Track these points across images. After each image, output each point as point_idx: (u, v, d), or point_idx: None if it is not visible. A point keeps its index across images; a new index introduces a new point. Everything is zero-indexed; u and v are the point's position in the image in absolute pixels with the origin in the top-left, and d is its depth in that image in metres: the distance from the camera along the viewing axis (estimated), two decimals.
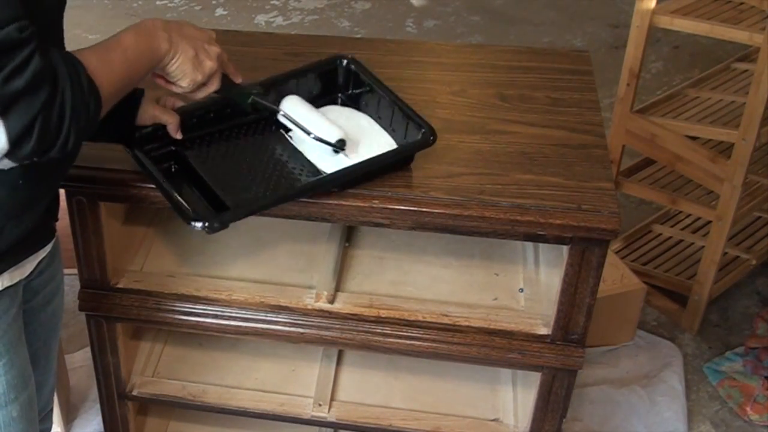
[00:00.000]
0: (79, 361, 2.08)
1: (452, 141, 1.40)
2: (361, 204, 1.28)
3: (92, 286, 1.44)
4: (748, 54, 2.44)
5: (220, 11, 3.91)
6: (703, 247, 2.24)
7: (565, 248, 1.30)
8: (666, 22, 2.08)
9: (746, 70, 2.39)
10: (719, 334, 2.28)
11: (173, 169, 1.30)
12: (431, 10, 3.92)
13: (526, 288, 1.50)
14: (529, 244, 1.58)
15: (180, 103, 1.28)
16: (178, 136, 1.26)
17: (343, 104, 1.42)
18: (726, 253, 2.26)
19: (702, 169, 2.11)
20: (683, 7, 2.10)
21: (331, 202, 1.29)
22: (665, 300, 2.32)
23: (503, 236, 1.30)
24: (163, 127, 1.25)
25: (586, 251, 1.28)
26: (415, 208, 1.27)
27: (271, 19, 3.87)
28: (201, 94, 1.18)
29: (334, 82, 1.42)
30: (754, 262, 2.34)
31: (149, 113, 1.23)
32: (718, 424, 2.05)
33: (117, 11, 3.90)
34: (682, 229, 2.45)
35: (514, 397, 1.64)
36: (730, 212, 2.07)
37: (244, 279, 1.49)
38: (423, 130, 1.30)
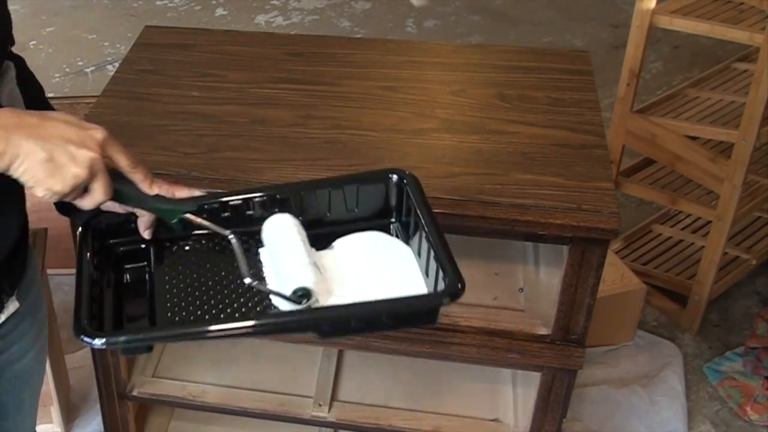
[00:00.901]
0: (79, 361, 2.07)
1: (452, 141, 1.40)
2: None
3: None
4: (748, 54, 2.44)
5: (220, 11, 3.91)
6: (703, 247, 2.24)
7: (565, 248, 1.30)
8: (666, 22, 2.08)
9: (746, 70, 2.39)
10: (719, 334, 2.28)
11: (127, 275, 1.05)
12: (431, 10, 3.92)
13: (526, 288, 1.50)
14: (529, 244, 1.58)
15: (196, 192, 1.02)
16: (146, 235, 1.02)
17: (397, 231, 1.07)
18: (726, 253, 2.26)
19: (702, 169, 2.11)
20: (683, 7, 2.10)
21: None
22: (665, 300, 2.32)
23: (503, 236, 1.30)
24: (135, 218, 1.02)
25: (586, 251, 1.28)
26: None
27: (271, 19, 3.87)
28: (86, 204, 0.91)
29: (384, 203, 1.07)
30: (754, 262, 2.34)
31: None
32: (718, 424, 2.05)
33: (117, 11, 3.90)
34: (682, 229, 2.45)
35: (514, 397, 1.64)
36: (730, 212, 2.07)
37: None
38: (443, 284, 0.93)
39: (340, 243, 1.02)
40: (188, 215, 0.99)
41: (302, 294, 0.92)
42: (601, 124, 1.45)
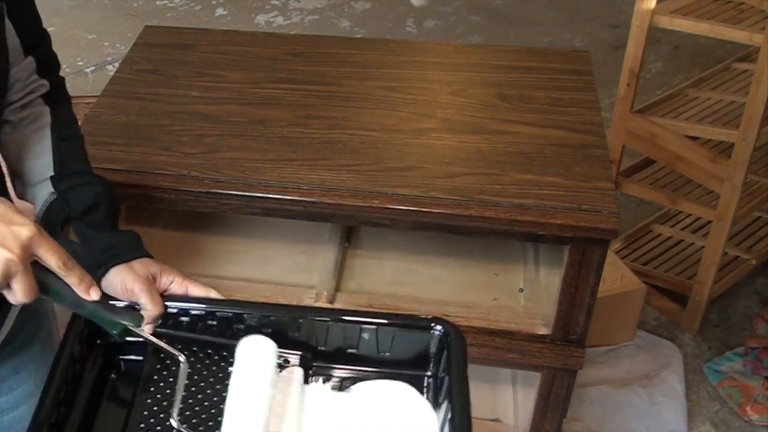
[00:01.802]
0: None
1: (452, 141, 1.40)
2: (361, 204, 1.28)
3: None
4: (748, 54, 2.44)
5: (220, 11, 3.91)
6: (703, 247, 2.24)
7: (565, 248, 1.30)
8: (666, 22, 2.08)
9: (746, 70, 2.39)
10: (719, 334, 2.28)
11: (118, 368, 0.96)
12: (431, 10, 3.92)
13: (526, 288, 1.50)
14: (529, 244, 1.58)
15: (213, 294, 0.95)
16: (147, 330, 0.93)
17: (430, 385, 0.95)
18: (726, 253, 2.26)
19: (702, 169, 2.11)
20: (683, 7, 2.10)
21: (331, 202, 1.29)
22: (665, 300, 2.32)
23: (503, 236, 1.30)
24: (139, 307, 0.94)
25: (586, 251, 1.28)
26: (415, 208, 1.27)
27: (271, 19, 3.87)
28: (11, 300, 0.80)
29: (420, 353, 0.95)
30: (754, 262, 2.34)
31: (126, 285, 0.94)
32: (718, 424, 2.05)
33: (117, 11, 3.90)
34: (682, 229, 2.45)
35: (514, 397, 1.64)
36: (730, 212, 2.06)
37: (244, 279, 1.49)
38: None
39: (360, 389, 0.92)
40: (135, 329, 0.88)
41: None
42: (601, 124, 1.45)
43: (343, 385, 0.93)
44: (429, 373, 0.95)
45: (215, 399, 0.89)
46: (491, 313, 1.43)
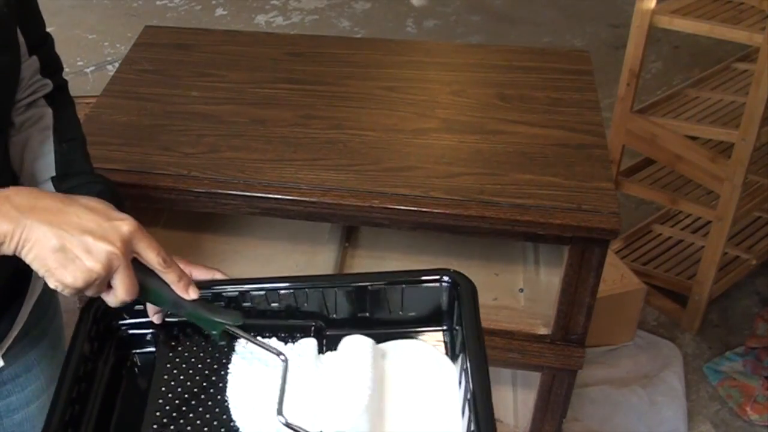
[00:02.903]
0: None
1: (452, 141, 1.40)
2: (361, 204, 1.28)
3: None
4: (748, 54, 2.44)
5: (220, 11, 3.91)
6: (703, 247, 2.24)
7: (565, 248, 1.30)
8: (666, 22, 2.08)
9: (746, 70, 2.39)
10: (719, 334, 2.28)
11: (132, 361, 0.95)
12: (431, 10, 3.92)
13: (526, 288, 1.50)
14: (529, 244, 1.58)
15: (218, 275, 0.94)
16: (156, 319, 0.94)
17: (448, 340, 0.94)
18: (726, 253, 2.26)
19: (702, 169, 2.11)
20: (683, 7, 2.10)
21: (331, 202, 1.29)
22: (665, 300, 2.32)
23: (503, 236, 1.30)
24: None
25: (586, 251, 1.28)
26: (415, 208, 1.27)
27: (271, 19, 3.87)
28: (110, 302, 0.82)
29: (434, 308, 0.94)
30: (754, 262, 2.34)
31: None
32: (718, 424, 2.05)
33: (117, 11, 3.90)
34: (682, 229, 2.45)
35: (514, 397, 1.64)
36: (730, 212, 2.06)
37: None
38: None
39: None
40: (233, 329, 0.87)
41: None
42: (601, 124, 1.45)
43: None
44: (444, 328, 0.93)
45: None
46: (491, 313, 1.43)
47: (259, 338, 0.88)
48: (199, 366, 0.91)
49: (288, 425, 0.80)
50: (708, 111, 2.26)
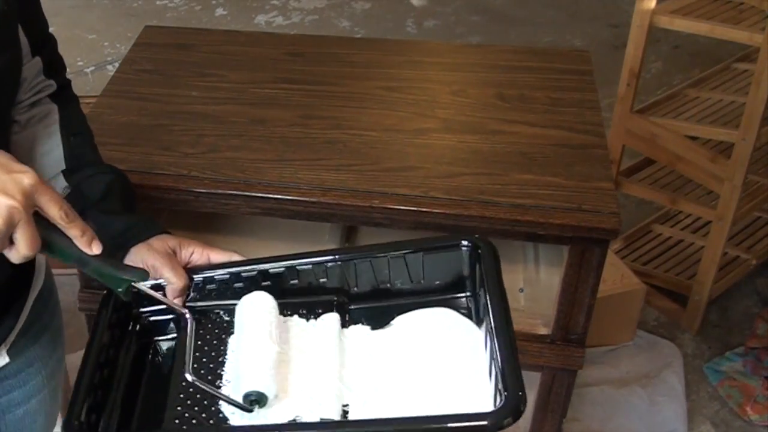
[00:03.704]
0: (79, 360, 2.07)
1: (452, 141, 1.40)
2: (361, 204, 1.28)
3: (92, 287, 1.44)
4: (748, 54, 2.44)
5: (220, 11, 3.91)
6: (703, 247, 2.24)
7: (565, 248, 1.30)
8: (666, 22, 2.08)
9: (746, 70, 2.39)
10: (719, 334, 2.28)
11: (154, 349, 0.95)
12: (431, 10, 3.92)
13: (526, 288, 1.50)
14: (529, 244, 1.58)
15: (235, 257, 0.94)
16: (178, 303, 0.93)
17: (471, 305, 0.93)
18: (726, 253, 2.26)
19: (702, 169, 2.11)
20: (683, 7, 2.10)
21: (331, 202, 1.29)
22: (665, 300, 2.32)
23: (503, 236, 1.30)
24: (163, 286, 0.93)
25: (586, 251, 1.28)
26: (415, 208, 1.27)
27: (271, 19, 3.87)
28: (12, 257, 0.78)
29: (456, 274, 0.92)
30: (754, 262, 2.34)
31: (147, 263, 0.93)
32: (718, 424, 2.05)
33: (117, 11, 3.90)
34: (682, 229, 2.45)
35: None
36: (730, 212, 2.06)
37: None
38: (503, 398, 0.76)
39: (400, 322, 0.90)
40: (139, 285, 0.86)
41: (255, 399, 0.80)
42: (601, 124, 1.45)
43: (384, 323, 0.90)
44: (468, 293, 0.91)
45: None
46: None
47: (159, 294, 0.88)
48: (222, 348, 0.90)
49: (195, 382, 0.81)
50: (708, 111, 2.26)
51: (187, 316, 0.87)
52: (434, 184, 1.30)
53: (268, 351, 0.83)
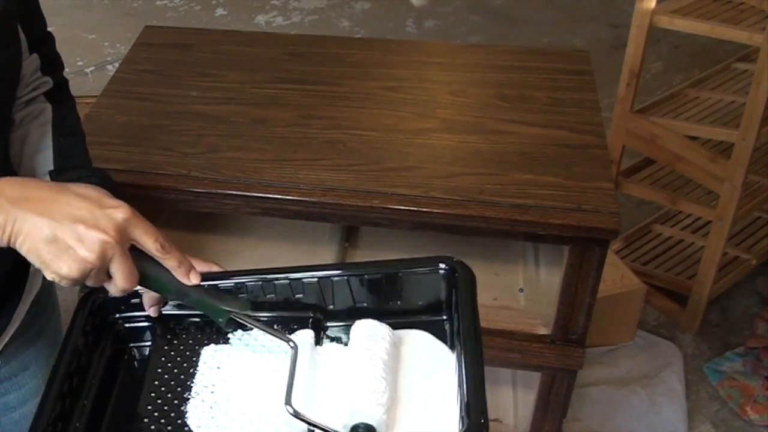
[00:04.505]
0: None
1: (452, 141, 1.40)
2: (361, 204, 1.28)
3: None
4: (748, 54, 2.43)
5: (220, 11, 3.91)
6: (703, 247, 2.24)
7: (565, 248, 1.30)
8: (666, 22, 2.08)
9: (746, 70, 2.39)
10: (719, 334, 2.28)
11: (129, 355, 0.93)
12: (431, 10, 3.92)
13: (526, 288, 1.50)
14: (529, 244, 1.58)
15: (215, 268, 0.91)
16: (152, 312, 0.92)
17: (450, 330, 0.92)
18: (726, 253, 2.26)
19: (702, 169, 2.11)
20: (683, 7, 2.10)
21: (331, 202, 1.29)
22: (665, 300, 2.32)
23: (503, 236, 1.30)
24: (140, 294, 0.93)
25: (586, 251, 1.28)
26: (415, 208, 1.27)
27: (271, 19, 3.87)
28: (112, 291, 0.81)
29: (433, 297, 0.92)
30: (754, 262, 2.34)
31: None
32: (718, 424, 2.05)
33: (117, 11, 3.90)
34: (682, 229, 2.45)
35: (514, 397, 1.64)
36: (730, 212, 2.06)
37: None
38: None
39: None
40: (240, 317, 0.85)
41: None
42: (601, 124, 1.45)
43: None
44: (444, 317, 0.91)
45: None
46: (491, 313, 1.43)
47: (269, 326, 0.87)
48: (194, 360, 0.90)
49: (296, 415, 0.78)
50: (708, 111, 2.26)
51: (292, 344, 0.84)
52: (434, 184, 1.30)
53: (378, 379, 0.80)
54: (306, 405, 0.81)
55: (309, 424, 0.78)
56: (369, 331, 0.86)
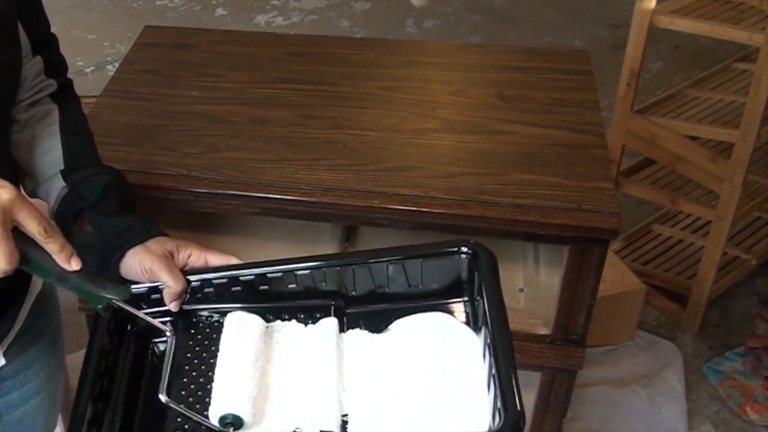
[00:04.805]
0: (80, 360, 2.07)
1: (452, 141, 1.40)
2: (361, 204, 1.28)
3: None
4: (748, 54, 2.44)
5: (220, 11, 3.91)
6: (703, 247, 2.24)
7: (565, 248, 1.30)
8: (666, 22, 2.08)
9: (746, 70, 2.39)
10: (719, 334, 2.28)
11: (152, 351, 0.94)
12: (431, 10, 3.92)
13: (526, 288, 1.50)
14: (529, 244, 1.58)
15: (234, 260, 0.93)
16: (173, 307, 0.92)
17: (469, 311, 0.92)
18: (726, 253, 2.26)
19: (702, 169, 2.11)
20: (683, 7, 2.10)
21: (331, 202, 1.29)
22: (665, 300, 2.32)
23: (503, 236, 1.30)
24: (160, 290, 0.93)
25: (586, 251, 1.28)
26: (415, 208, 1.27)
27: (271, 19, 3.87)
28: None
29: (453, 280, 0.92)
30: (754, 262, 2.34)
31: (145, 266, 0.92)
32: (718, 424, 2.05)
33: (117, 11, 3.90)
34: (682, 229, 2.45)
35: None
36: (730, 212, 2.06)
37: None
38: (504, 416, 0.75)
39: (398, 327, 0.89)
40: (120, 304, 0.85)
41: (230, 422, 0.79)
42: (601, 124, 1.45)
43: (382, 327, 0.90)
44: (465, 299, 0.91)
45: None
46: None
47: (142, 312, 0.87)
48: (216, 350, 0.89)
49: (168, 404, 0.80)
50: (708, 111, 2.26)
51: (168, 333, 0.86)
52: (434, 184, 1.30)
53: (245, 371, 0.82)
54: (344, 396, 0.81)
55: (186, 414, 0.81)
56: (239, 324, 0.87)
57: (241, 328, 0.87)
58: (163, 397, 0.80)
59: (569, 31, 3.75)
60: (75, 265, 0.82)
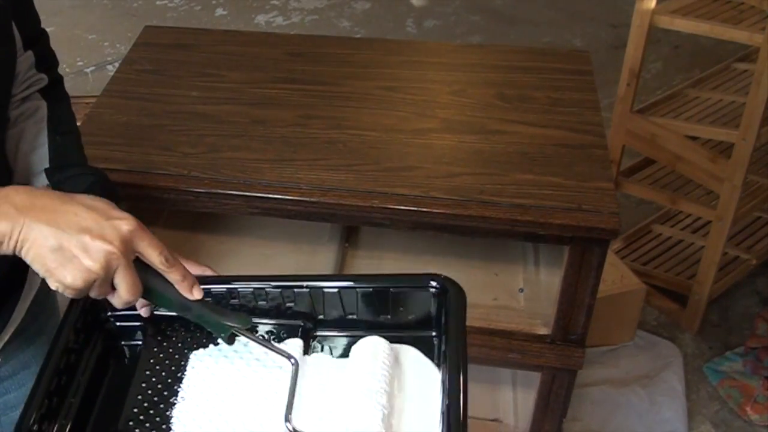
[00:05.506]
0: None
1: (452, 141, 1.40)
2: (361, 204, 1.28)
3: None
4: (748, 54, 2.44)
5: (220, 11, 3.91)
6: (703, 247, 2.24)
7: (565, 248, 1.30)
8: (666, 22, 2.08)
9: (746, 70, 2.39)
10: (719, 334, 2.28)
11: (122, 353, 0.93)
12: (431, 10, 3.92)
13: (526, 288, 1.50)
14: (529, 244, 1.58)
15: (208, 272, 0.92)
16: (143, 313, 0.92)
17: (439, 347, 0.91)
18: (726, 253, 2.27)
19: (702, 169, 2.11)
20: (683, 7, 2.10)
21: (331, 202, 1.29)
22: (665, 300, 2.32)
23: (503, 236, 1.30)
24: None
25: (586, 251, 1.28)
26: (415, 208, 1.27)
27: (271, 19, 3.87)
28: (115, 303, 0.81)
29: (424, 313, 0.91)
30: (754, 262, 2.34)
31: None
32: (718, 424, 2.05)
33: (117, 11, 3.90)
34: (682, 229, 2.45)
35: (514, 397, 1.64)
36: (730, 212, 2.06)
37: None
38: None
39: (358, 351, 0.88)
40: (244, 332, 0.85)
41: None
42: (601, 124, 1.45)
43: (347, 352, 0.90)
44: (434, 333, 0.90)
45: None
46: (491, 313, 1.43)
47: (269, 342, 0.87)
48: (182, 364, 0.89)
49: (294, 430, 0.78)
50: (708, 111, 2.26)
51: (292, 360, 0.85)
52: (434, 184, 1.30)
53: (380, 403, 0.81)
54: (297, 417, 0.81)
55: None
56: (371, 348, 0.86)
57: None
58: (290, 426, 0.78)
59: (569, 31, 3.75)
60: (197, 294, 0.83)
